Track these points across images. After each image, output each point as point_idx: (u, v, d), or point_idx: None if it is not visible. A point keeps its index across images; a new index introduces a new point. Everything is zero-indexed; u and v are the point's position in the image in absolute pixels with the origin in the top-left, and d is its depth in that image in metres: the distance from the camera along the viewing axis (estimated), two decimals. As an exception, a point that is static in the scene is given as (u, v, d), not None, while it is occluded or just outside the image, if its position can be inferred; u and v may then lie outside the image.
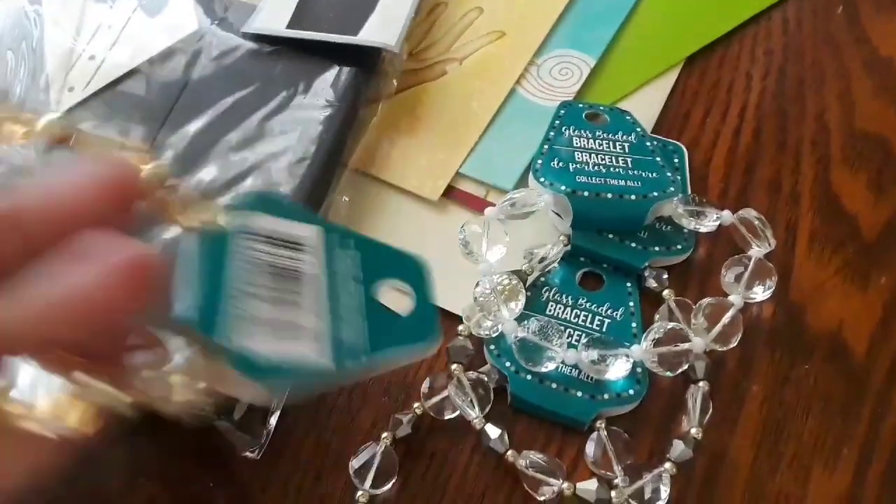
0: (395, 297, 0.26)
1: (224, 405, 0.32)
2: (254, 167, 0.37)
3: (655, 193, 0.37)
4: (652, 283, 0.37)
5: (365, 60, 0.40)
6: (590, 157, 0.38)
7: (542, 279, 0.37)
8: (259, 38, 0.40)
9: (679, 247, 0.38)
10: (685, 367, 0.33)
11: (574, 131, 0.39)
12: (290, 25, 0.41)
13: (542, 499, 0.32)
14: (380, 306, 0.25)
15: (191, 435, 0.33)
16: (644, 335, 0.34)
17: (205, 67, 0.39)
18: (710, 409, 0.33)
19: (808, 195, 0.40)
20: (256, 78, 0.39)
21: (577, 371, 0.34)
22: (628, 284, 0.37)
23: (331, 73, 0.39)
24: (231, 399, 0.32)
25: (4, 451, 0.20)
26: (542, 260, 0.37)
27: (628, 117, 0.40)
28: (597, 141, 0.39)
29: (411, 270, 0.27)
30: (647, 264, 0.37)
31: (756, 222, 0.37)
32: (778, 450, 0.34)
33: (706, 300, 0.35)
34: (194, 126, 0.38)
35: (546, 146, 0.39)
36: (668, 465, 0.32)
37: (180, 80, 0.39)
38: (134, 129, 0.38)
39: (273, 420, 0.34)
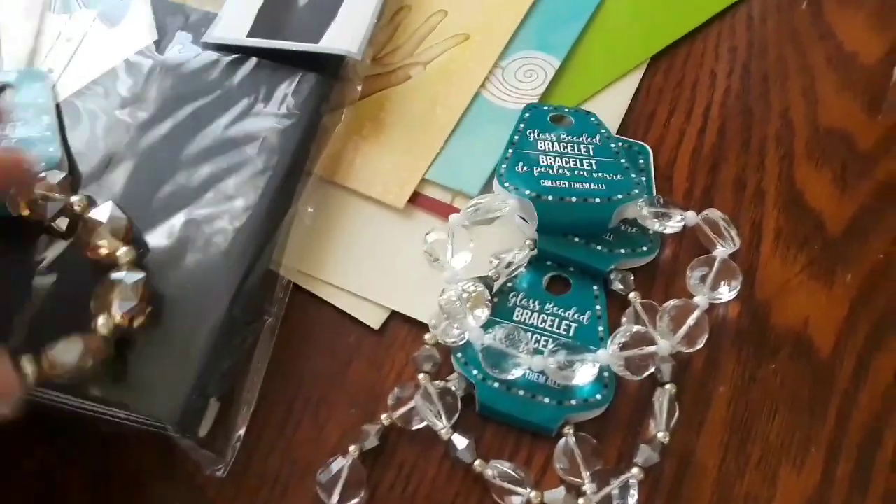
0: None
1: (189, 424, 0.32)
2: (215, 178, 0.36)
3: (620, 196, 0.37)
4: (618, 286, 0.37)
5: (327, 67, 0.40)
6: (554, 160, 0.38)
7: (509, 284, 0.37)
8: (219, 47, 0.40)
9: (645, 249, 0.38)
10: (651, 370, 0.33)
11: (539, 134, 0.39)
12: (251, 34, 0.40)
13: (510, 508, 0.32)
14: None
15: (156, 452, 0.33)
16: (610, 339, 0.34)
17: (165, 78, 0.39)
18: (677, 412, 0.33)
19: (773, 193, 0.40)
20: (216, 87, 0.39)
21: (544, 377, 0.34)
22: (595, 288, 0.37)
23: (292, 81, 0.39)
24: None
25: None
26: (508, 265, 0.37)
27: (593, 119, 0.40)
28: (561, 143, 0.39)
29: None
30: (613, 267, 0.37)
31: (721, 222, 0.37)
32: (745, 451, 0.34)
33: (671, 302, 0.35)
34: (155, 137, 0.37)
35: (510, 150, 0.38)
36: (635, 470, 0.32)
37: (140, 91, 0.39)
38: (95, 141, 0.37)
39: (239, 436, 0.33)
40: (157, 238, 0.34)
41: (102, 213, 0.34)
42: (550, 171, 0.37)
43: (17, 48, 0.41)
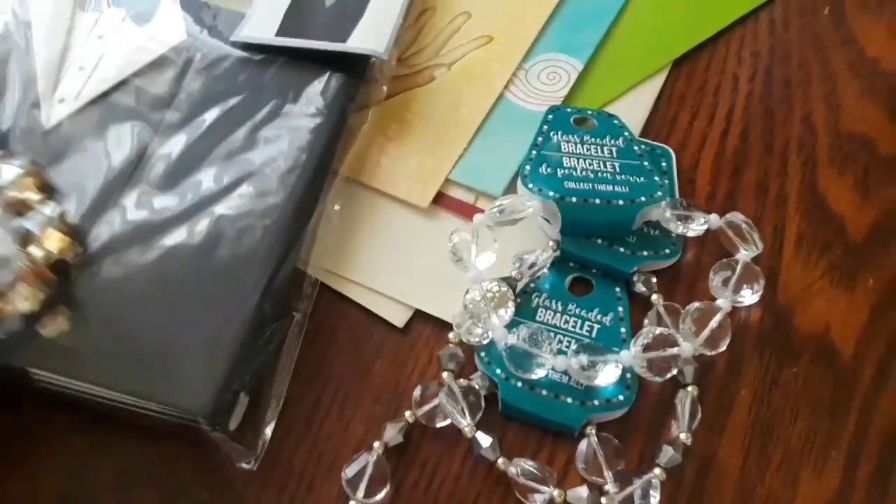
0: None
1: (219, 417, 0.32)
2: (245, 176, 0.37)
3: (643, 198, 0.37)
4: (641, 288, 0.37)
5: (354, 67, 0.40)
6: (578, 161, 0.38)
7: (532, 285, 0.38)
8: (248, 46, 0.40)
9: (667, 251, 0.38)
10: (674, 371, 0.34)
11: (562, 136, 0.40)
12: (279, 33, 0.41)
13: (533, 505, 0.32)
14: None
15: (186, 446, 0.34)
16: (633, 340, 0.34)
17: (195, 77, 0.39)
18: (699, 414, 0.34)
19: (795, 197, 0.40)
20: (246, 87, 0.39)
21: (567, 377, 0.35)
22: (617, 289, 0.37)
23: (320, 81, 0.39)
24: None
25: None
26: (531, 266, 0.37)
27: (616, 121, 0.41)
28: (585, 146, 0.39)
29: None
30: (635, 269, 0.37)
31: (743, 226, 0.37)
32: (767, 453, 0.34)
33: (694, 305, 0.35)
34: (186, 136, 0.38)
35: (534, 151, 0.39)
36: (657, 470, 0.32)
37: (171, 89, 0.39)
38: (126, 139, 0.38)
39: (269, 430, 0.34)
40: (189, 234, 0.35)
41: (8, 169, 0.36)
42: (574, 173, 0.38)
43: (50, 44, 0.41)
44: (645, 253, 0.38)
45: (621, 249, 0.38)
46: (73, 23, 0.42)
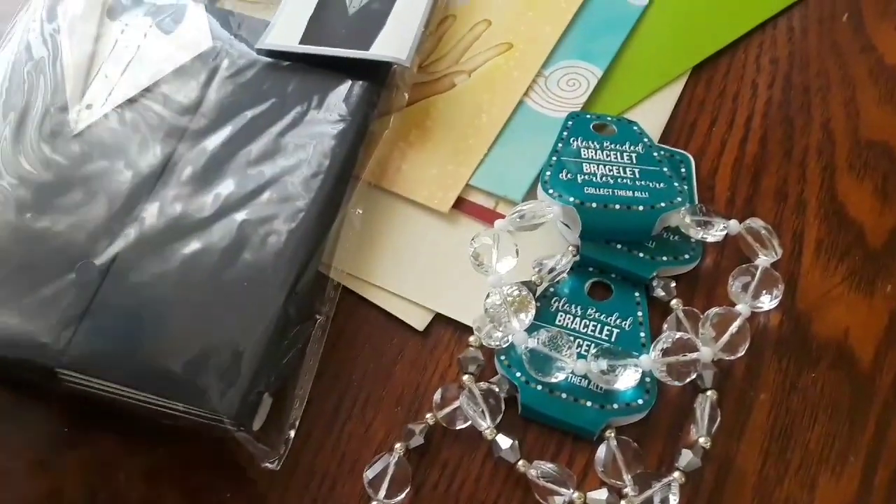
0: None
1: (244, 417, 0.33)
2: (270, 182, 0.37)
3: (663, 204, 0.37)
4: (660, 293, 0.37)
5: (376, 74, 0.41)
6: (598, 167, 0.39)
7: (552, 290, 0.38)
8: (272, 53, 0.41)
9: (687, 256, 0.38)
10: (693, 376, 0.34)
11: (582, 142, 0.40)
12: (303, 41, 0.41)
13: (552, 508, 0.33)
14: None
15: (210, 446, 0.34)
16: (652, 345, 0.34)
17: (220, 84, 0.40)
18: (718, 418, 0.34)
19: (815, 204, 0.40)
20: (271, 94, 0.40)
21: (587, 381, 0.35)
22: (636, 294, 0.38)
23: (343, 88, 0.40)
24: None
25: None
26: (551, 270, 0.37)
27: (635, 127, 0.41)
28: (604, 152, 0.40)
29: None
30: (654, 274, 0.37)
31: (763, 231, 0.37)
32: (785, 457, 0.34)
33: (714, 310, 0.35)
34: (211, 142, 0.38)
35: (554, 158, 0.39)
36: (676, 474, 0.33)
37: (197, 96, 0.40)
38: (152, 145, 0.38)
39: (292, 431, 0.34)
40: (215, 238, 0.36)
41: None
42: (594, 179, 0.38)
43: (77, 51, 0.42)
44: (664, 258, 0.38)
45: (641, 255, 0.38)
46: (100, 30, 0.43)
